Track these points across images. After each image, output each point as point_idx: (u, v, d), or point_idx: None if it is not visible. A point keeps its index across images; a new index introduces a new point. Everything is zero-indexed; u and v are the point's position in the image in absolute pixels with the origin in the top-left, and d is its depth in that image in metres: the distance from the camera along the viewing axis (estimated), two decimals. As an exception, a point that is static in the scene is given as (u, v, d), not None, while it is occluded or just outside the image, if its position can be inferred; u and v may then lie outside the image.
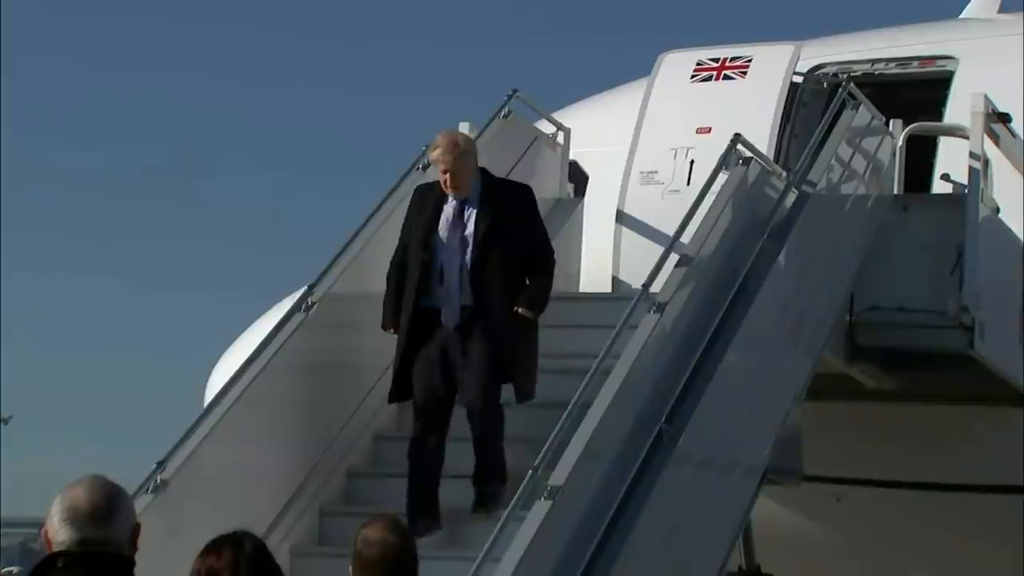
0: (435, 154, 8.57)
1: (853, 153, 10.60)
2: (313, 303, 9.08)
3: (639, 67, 12.85)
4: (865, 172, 10.82)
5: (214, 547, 5.32)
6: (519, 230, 8.60)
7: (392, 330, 8.66)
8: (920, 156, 11.48)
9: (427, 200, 8.68)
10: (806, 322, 10.02)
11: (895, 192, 11.26)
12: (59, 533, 4.46)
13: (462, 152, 8.49)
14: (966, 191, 10.81)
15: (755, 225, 9.46)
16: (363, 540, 5.87)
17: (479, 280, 8.46)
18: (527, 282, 8.64)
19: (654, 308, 8.49)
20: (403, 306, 8.55)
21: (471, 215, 8.54)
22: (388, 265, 8.92)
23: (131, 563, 4.52)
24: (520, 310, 8.49)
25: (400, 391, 8.69)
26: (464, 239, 8.51)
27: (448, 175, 8.47)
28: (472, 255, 8.48)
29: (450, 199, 8.57)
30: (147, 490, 8.09)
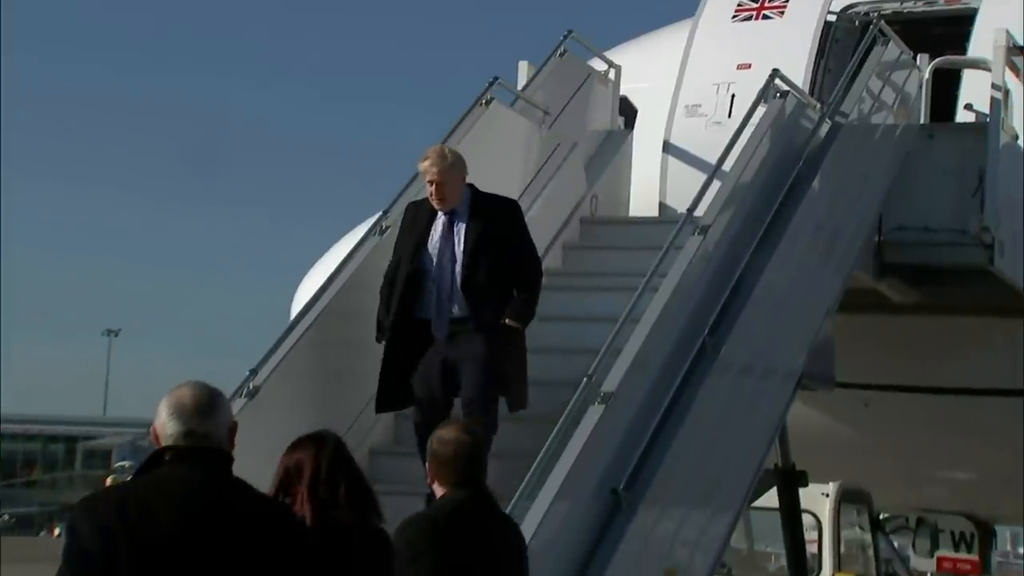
0: (424, 165, 8.11)
1: (883, 86, 10.52)
2: (387, 227, 9.11)
3: (684, 9, 12.77)
4: (894, 103, 10.74)
5: (299, 444, 5.47)
6: (507, 243, 8.17)
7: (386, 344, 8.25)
8: (945, 88, 11.37)
9: (419, 216, 8.25)
10: (838, 242, 9.97)
11: (921, 122, 11.18)
12: (166, 427, 4.52)
13: (449, 164, 8.05)
14: (988, 120, 10.74)
15: (791, 153, 9.39)
16: (438, 440, 6.00)
17: (470, 292, 8.05)
18: (514, 294, 8.19)
19: (698, 230, 8.48)
20: (390, 316, 8.15)
21: (460, 229, 8.12)
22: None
23: (230, 458, 4.58)
24: (508, 321, 8.06)
25: (385, 400, 8.28)
26: (454, 252, 8.11)
27: (435, 186, 8.05)
28: (462, 267, 8.06)
29: (440, 214, 8.14)
30: (241, 394, 8.14)
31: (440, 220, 8.13)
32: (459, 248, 8.04)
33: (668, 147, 11.10)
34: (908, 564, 15.43)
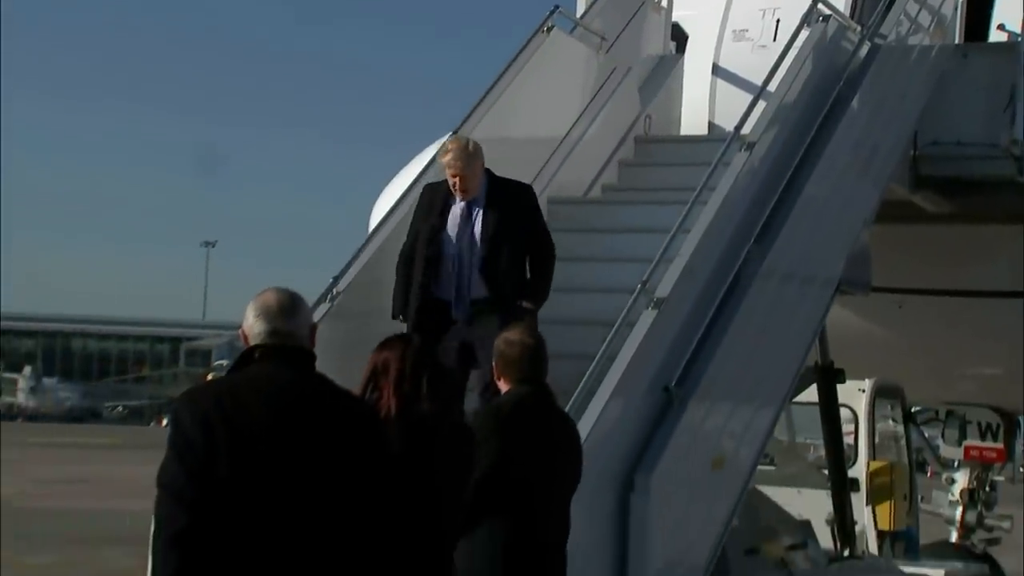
0: (446, 159, 7.68)
1: (920, 8, 10.29)
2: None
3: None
4: (930, 25, 10.51)
5: (386, 343, 5.56)
6: (523, 226, 7.85)
7: (401, 318, 7.91)
8: (979, 9, 11.14)
9: (435, 199, 7.89)
10: (875, 157, 9.83)
11: (956, 42, 10.96)
12: (254, 328, 4.60)
13: (472, 157, 7.67)
14: (1019, 39, 10.55)
15: (832, 74, 9.22)
16: (505, 341, 6.14)
17: (490, 275, 7.74)
18: (528, 276, 7.88)
19: (744, 147, 8.36)
20: (410, 298, 7.83)
21: (478, 214, 7.76)
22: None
23: (312, 355, 4.65)
24: (524, 303, 7.74)
25: None
26: (473, 237, 7.77)
27: (458, 179, 7.68)
28: (482, 251, 7.73)
29: (458, 199, 7.79)
30: (325, 300, 8.15)
31: (458, 205, 7.78)
32: (478, 233, 7.72)
33: (716, 70, 10.95)
34: (937, 452, 15.41)
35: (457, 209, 7.74)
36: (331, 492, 4.47)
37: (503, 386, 6.09)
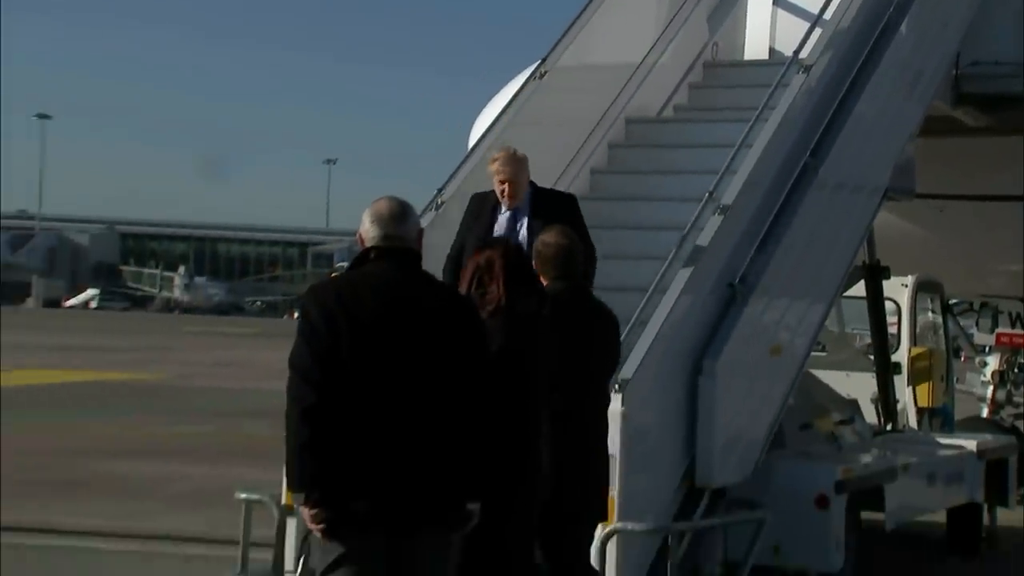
0: (495, 166, 7.02)
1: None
2: (544, 72, 8.97)
3: None
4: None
5: (486, 244, 5.52)
6: None
7: None
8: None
9: (483, 208, 7.23)
10: (921, 76, 9.55)
11: (995, -30, 10.58)
12: (369, 231, 4.66)
13: (520, 164, 6.99)
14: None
15: (883, 1, 8.91)
16: (542, 243, 6.07)
17: None
18: None
19: (802, 70, 8.18)
20: None
21: (523, 222, 7.11)
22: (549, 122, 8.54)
23: (419, 256, 4.73)
24: None
25: None
26: (520, 244, 6.95)
27: (507, 185, 7.04)
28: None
29: (503, 208, 7.09)
30: (431, 208, 8.13)
31: (503, 214, 7.15)
32: (524, 239, 6.96)
33: (777, 0, 10.68)
34: (971, 339, 15.27)
35: (503, 218, 7.14)
36: (434, 371, 4.53)
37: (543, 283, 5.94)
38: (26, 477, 12.07)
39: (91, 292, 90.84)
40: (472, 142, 9.49)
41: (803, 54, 8.36)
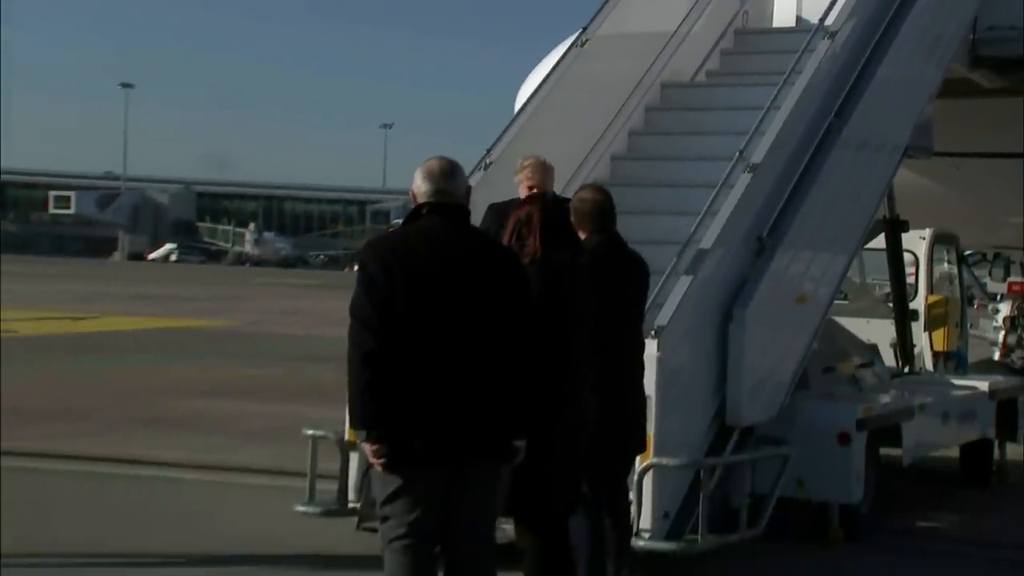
0: (525, 173, 6.50)
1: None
2: (585, 40, 8.88)
3: None
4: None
5: (528, 200, 5.50)
6: None
7: None
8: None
9: (502, 217, 6.32)
10: (940, 40, 9.39)
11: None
12: (421, 187, 4.64)
13: (547, 171, 6.53)
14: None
15: (904, -30, 8.79)
16: (578, 198, 6.05)
17: None
18: None
19: (827, 36, 8.07)
20: None
21: None
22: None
23: (467, 211, 4.73)
24: None
25: None
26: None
27: (535, 191, 6.33)
28: None
29: None
30: (479, 168, 8.09)
31: None
32: None
33: None
34: (985, 288, 15.10)
35: None
36: (483, 317, 4.54)
37: (581, 236, 5.86)
38: (113, 414, 12.23)
39: (170, 247, 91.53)
40: (518, 106, 9.43)
41: (828, 21, 8.22)
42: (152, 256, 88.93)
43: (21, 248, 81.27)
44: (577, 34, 9.04)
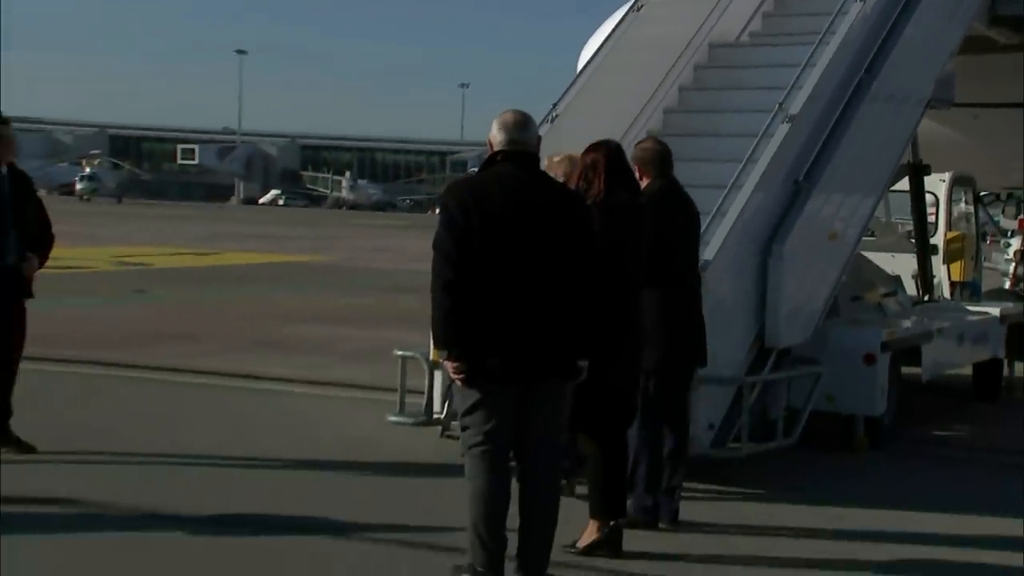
0: (562, 168, 5.99)
1: None
2: (641, 5, 8.70)
3: None
4: None
5: (593, 147, 5.41)
6: None
7: None
8: None
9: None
10: (961, 1, 9.07)
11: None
12: (496, 138, 4.60)
13: (576, 165, 5.81)
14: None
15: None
16: (641, 148, 5.96)
17: None
18: None
19: (859, -1, 7.81)
20: None
21: None
22: None
23: (538, 159, 4.70)
24: None
25: None
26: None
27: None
28: None
29: None
30: (547, 120, 7.95)
31: None
32: None
33: None
34: (998, 225, 14.75)
35: None
36: (551, 251, 4.51)
37: (644, 182, 5.79)
38: (231, 336, 12.40)
39: (277, 192, 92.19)
40: (580, 65, 9.27)
41: (858, -14, 7.95)
42: (262, 200, 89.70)
43: (154, 194, 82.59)
44: (633, 1, 8.86)
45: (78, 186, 69.92)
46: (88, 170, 73.18)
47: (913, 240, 10.90)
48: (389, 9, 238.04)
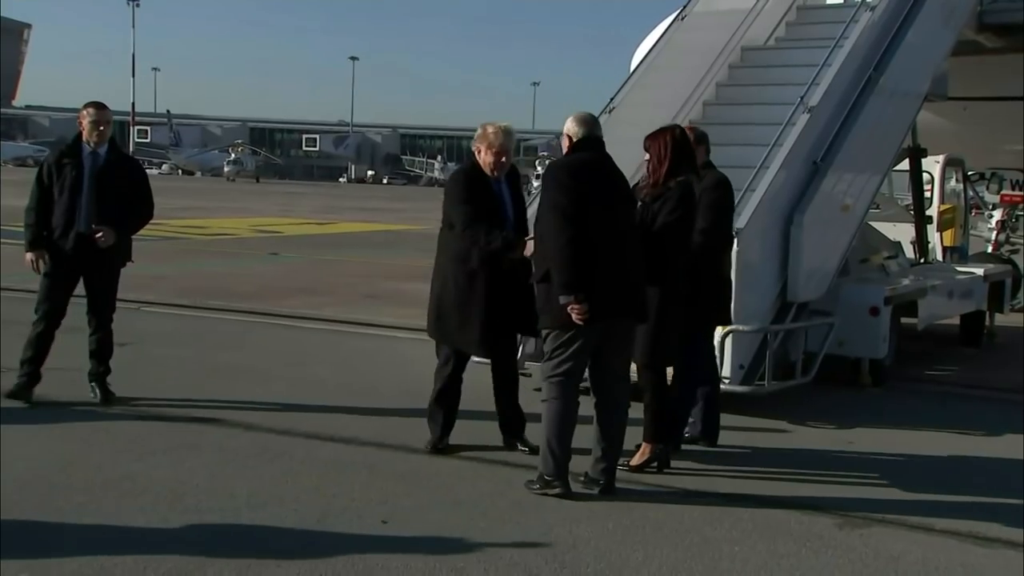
0: (500, 139, 5.22)
1: None
2: (685, 15, 8.49)
3: None
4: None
5: (657, 132, 5.23)
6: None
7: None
8: None
9: (482, 180, 5.27)
10: (955, 11, 8.74)
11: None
12: (576, 130, 4.79)
13: (512, 139, 5.24)
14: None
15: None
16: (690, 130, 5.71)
17: (521, 229, 5.26)
18: None
19: (868, 9, 7.65)
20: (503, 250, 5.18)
21: (506, 188, 5.28)
22: None
23: (604, 144, 4.83)
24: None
25: None
26: (508, 205, 5.29)
27: (505, 158, 5.23)
28: (517, 215, 5.28)
29: (492, 180, 5.27)
30: (605, 112, 7.84)
31: (500, 184, 5.29)
32: (509, 202, 5.30)
33: None
34: (983, 199, 14.28)
35: (498, 186, 5.30)
36: (624, 216, 4.70)
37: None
38: (344, 291, 12.51)
39: (379, 173, 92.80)
40: (633, 66, 9.09)
41: (870, -4, 7.68)
42: (369, 179, 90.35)
43: (283, 175, 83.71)
44: (678, 11, 8.66)
45: (225, 169, 71.54)
46: (233, 156, 74.67)
47: (912, 212, 10.59)
48: (467, 25, 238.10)
